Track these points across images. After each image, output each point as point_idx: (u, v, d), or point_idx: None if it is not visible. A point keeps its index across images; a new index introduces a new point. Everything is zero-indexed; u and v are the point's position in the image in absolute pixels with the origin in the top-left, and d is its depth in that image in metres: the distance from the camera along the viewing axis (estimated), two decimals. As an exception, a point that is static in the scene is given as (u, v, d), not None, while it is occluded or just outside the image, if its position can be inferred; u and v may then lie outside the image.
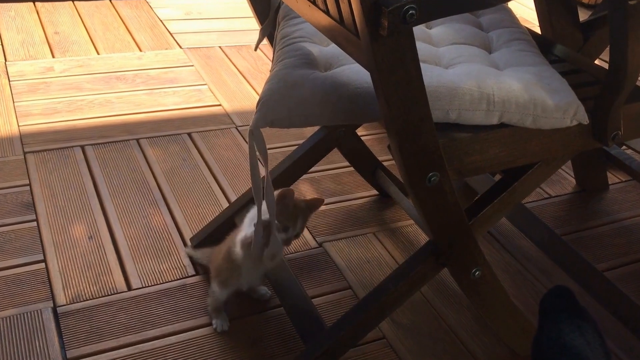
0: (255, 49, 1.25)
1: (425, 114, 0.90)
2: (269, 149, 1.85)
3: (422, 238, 1.57)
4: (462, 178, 1.39)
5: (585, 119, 1.04)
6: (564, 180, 1.83)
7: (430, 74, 1.01)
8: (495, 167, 1.06)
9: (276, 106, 1.02)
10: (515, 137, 1.03)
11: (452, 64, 1.09)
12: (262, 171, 1.17)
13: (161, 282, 1.37)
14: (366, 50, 0.84)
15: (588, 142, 1.07)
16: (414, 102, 0.88)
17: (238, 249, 1.19)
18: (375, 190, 1.70)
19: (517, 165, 1.07)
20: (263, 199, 1.10)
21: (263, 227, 1.12)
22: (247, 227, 1.17)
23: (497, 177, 1.58)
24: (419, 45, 1.07)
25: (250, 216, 1.19)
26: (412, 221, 1.59)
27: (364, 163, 1.63)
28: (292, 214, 1.15)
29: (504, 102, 1.01)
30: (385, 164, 1.68)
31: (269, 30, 1.27)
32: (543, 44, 1.25)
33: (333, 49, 1.12)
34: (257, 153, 1.03)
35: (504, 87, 1.02)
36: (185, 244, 1.47)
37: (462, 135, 1.00)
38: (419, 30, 1.19)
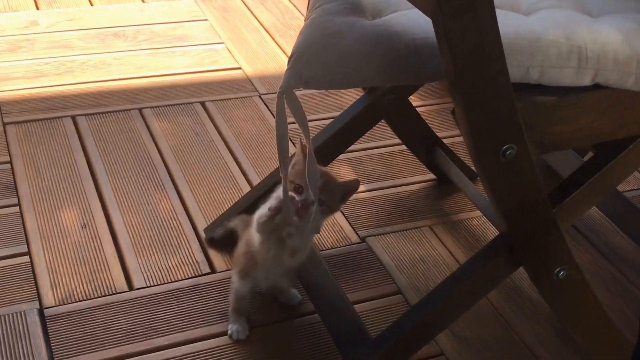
0: None
1: (500, 69, 0.89)
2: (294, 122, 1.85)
3: (491, 233, 1.55)
4: (544, 153, 1.38)
5: None
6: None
7: (507, 22, 1.00)
8: (585, 140, 1.05)
9: (313, 61, 1.02)
10: (612, 102, 1.02)
11: (534, 9, 1.07)
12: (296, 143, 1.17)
13: (169, 280, 1.38)
14: (427, -12, 0.84)
15: None
16: (485, 53, 0.88)
17: (253, 230, 1.20)
18: (432, 174, 1.69)
19: (613, 139, 1.06)
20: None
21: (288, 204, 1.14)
22: (267, 204, 1.19)
23: (588, 155, 1.56)
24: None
25: (276, 195, 1.19)
26: (478, 212, 1.58)
27: (419, 139, 1.62)
28: (333, 193, 1.17)
29: (599, 57, 1.00)
30: (445, 141, 1.67)
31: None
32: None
33: (383, -9, 1.12)
34: (292, 119, 1.03)
35: (599, 38, 1.00)
36: (198, 236, 1.48)
37: (546, 98, 0.99)
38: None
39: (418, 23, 1.02)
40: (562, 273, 1.12)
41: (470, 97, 0.90)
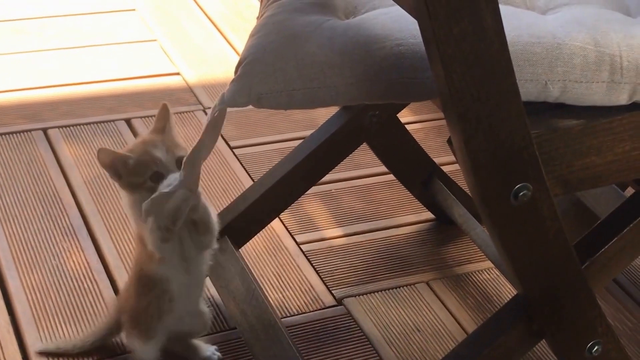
0: None
1: (508, 87, 0.90)
2: (252, 145, 1.86)
3: (507, 291, 1.55)
4: (569, 193, 1.39)
5: None
6: None
7: (518, 24, 1.01)
8: (623, 174, 1.05)
9: (266, 73, 1.02)
10: (658, 125, 1.03)
11: (553, 5, 1.08)
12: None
13: (81, 361, 1.37)
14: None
15: None
16: (489, 68, 0.88)
17: (148, 228, 1.20)
18: (429, 213, 1.70)
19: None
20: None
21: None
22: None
23: (629, 191, 1.57)
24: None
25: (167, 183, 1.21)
26: (489, 263, 1.58)
27: (411, 168, 1.62)
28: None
29: (638, 68, 1.01)
30: (445, 169, 1.67)
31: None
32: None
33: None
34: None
35: (638, 44, 1.01)
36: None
37: (570, 123, 1.00)
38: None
39: (404, 23, 1.03)
40: (596, 349, 1.12)
41: (471, 124, 0.91)
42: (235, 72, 1.06)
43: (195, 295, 1.30)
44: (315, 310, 1.49)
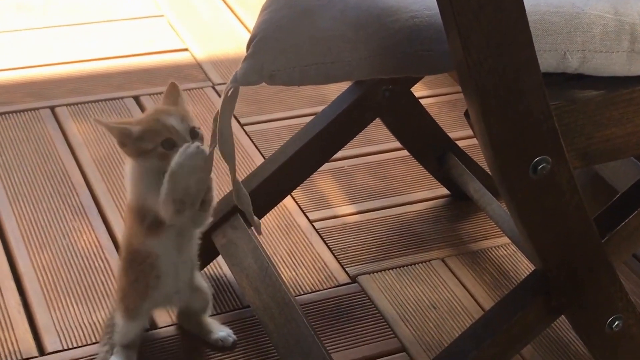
0: None
1: (527, 58, 0.90)
2: (263, 121, 1.86)
3: (524, 267, 1.55)
4: (589, 165, 1.38)
5: None
6: None
7: (536, -7, 1.01)
8: (645, 146, 1.05)
9: (278, 49, 1.02)
10: (680, 96, 1.03)
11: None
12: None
13: (93, 341, 1.36)
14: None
15: None
16: (507, 38, 0.88)
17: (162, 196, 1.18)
18: (443, 189, 1.69)
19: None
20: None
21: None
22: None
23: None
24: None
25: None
26: (506, 239, 1.58)
27: (426, 143, 1.62)
28: None
29: (659, 37, 1.00)
30: (461, 143, 1.67)
31: None
32: None
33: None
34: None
35: (659, 12, 1.01)
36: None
37: (590, 94, 0.99)
38: None
39: (419, -4, 1.02)
40: (616, 324, 1.12)
41: (489, 96, 0.90)
42: (247, 49, 1.06)
43: (184, 274, 1.29)
44: (329, 288, 1.50)
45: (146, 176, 1.20)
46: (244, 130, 1.82)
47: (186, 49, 2.05)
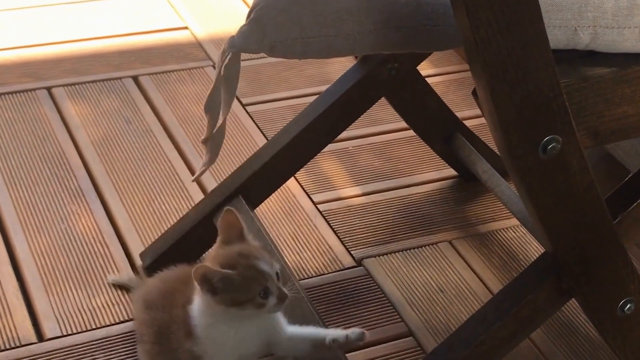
0: None
1: (536, 34, 0.89)
2: (265, 101, 1.86)
3: (534, 249, 1.55)
4: (601, 145, 1.38)
5: None
6: None
7: (545, -34, 0.99)
8: (658, 125, 1.04)
9: (281, 20, 1.01)
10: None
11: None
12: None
13: (93, 327, 1.37)
14: None
15: None
16: (516, 14, 0.87)
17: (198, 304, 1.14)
18: (451, 169, 1.69)
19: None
20: None
21: None
22: None
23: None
24: None
25: None
26: (515, 221, 1.57)
27: (433, 123, 1.62)
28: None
29: (673, 12, 0.99)
30: (468, 123, 1.66)
31: None
32: None
33: None
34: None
35: (673, -15, 1.00)
36: (132, 264, 1.47)
37: (602, 71, 0.99)
38: None
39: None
40: (628, 307, 1.12)
41: (497, 74, 0.90)
42: (248, 16, 1.05)
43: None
44: (334, 272, 1.50)
45: (235, 322, 1.14)
46: (246, 111, 1.81)
47: (186, 27, 2.04)
